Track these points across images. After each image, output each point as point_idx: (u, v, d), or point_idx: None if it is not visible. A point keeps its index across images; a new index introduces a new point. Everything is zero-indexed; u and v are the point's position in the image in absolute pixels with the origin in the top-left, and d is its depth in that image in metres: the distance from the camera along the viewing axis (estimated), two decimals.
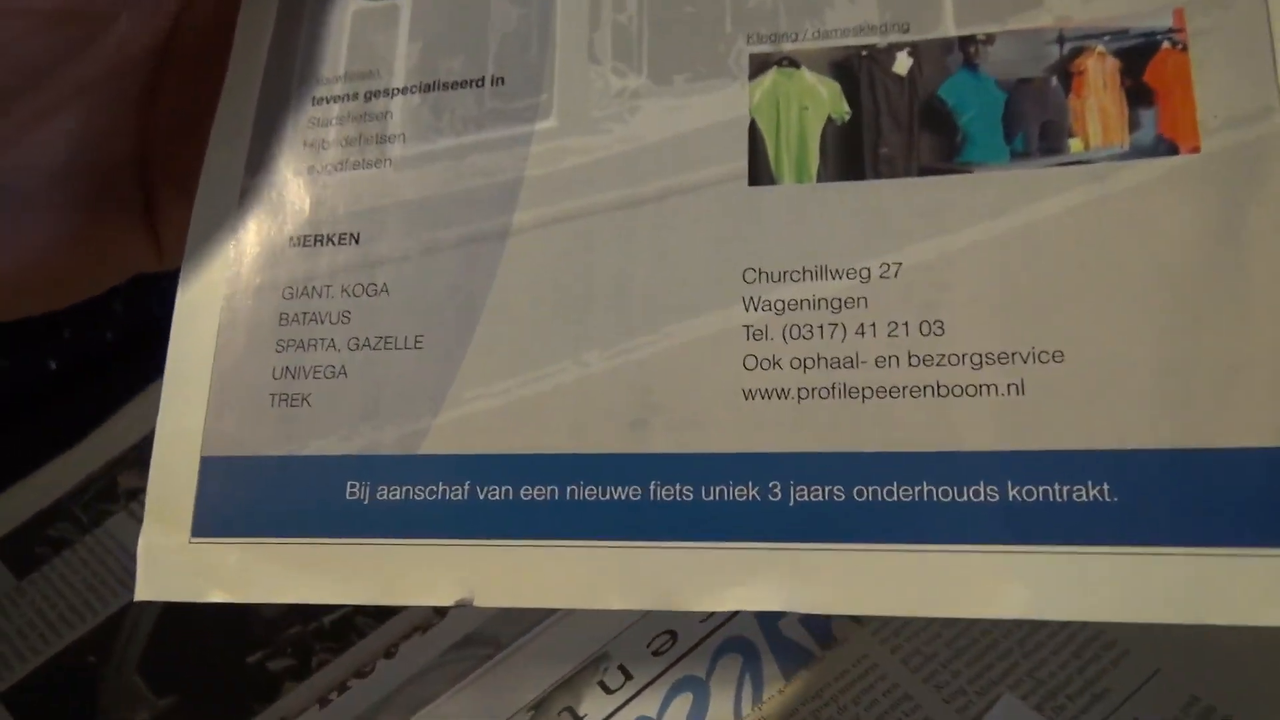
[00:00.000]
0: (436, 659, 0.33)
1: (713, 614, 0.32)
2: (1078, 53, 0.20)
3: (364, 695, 0.33)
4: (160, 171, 0.27)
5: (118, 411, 0.42)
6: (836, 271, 0.20)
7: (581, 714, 0.31)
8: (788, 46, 0.22)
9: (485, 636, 0.33)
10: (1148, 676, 0.29)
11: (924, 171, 0.20)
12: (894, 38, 0.21)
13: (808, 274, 0.20)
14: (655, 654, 0.32)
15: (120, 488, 0.40)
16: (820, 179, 0.21)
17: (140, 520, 0.34)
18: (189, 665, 0.36)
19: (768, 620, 0.32)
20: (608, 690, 0.31)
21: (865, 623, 0.31)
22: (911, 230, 0.20)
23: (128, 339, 0.43)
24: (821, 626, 0.32)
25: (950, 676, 0.30)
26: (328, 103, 0.24)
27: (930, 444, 0.19)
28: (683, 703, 0.31)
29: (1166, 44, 0.20)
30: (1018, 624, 0.30)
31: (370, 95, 0.24)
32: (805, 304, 0.20)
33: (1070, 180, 0.20)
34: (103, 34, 0.26)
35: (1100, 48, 0.20)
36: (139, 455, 0.41)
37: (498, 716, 0.31)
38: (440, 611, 0.34)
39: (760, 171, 0.21)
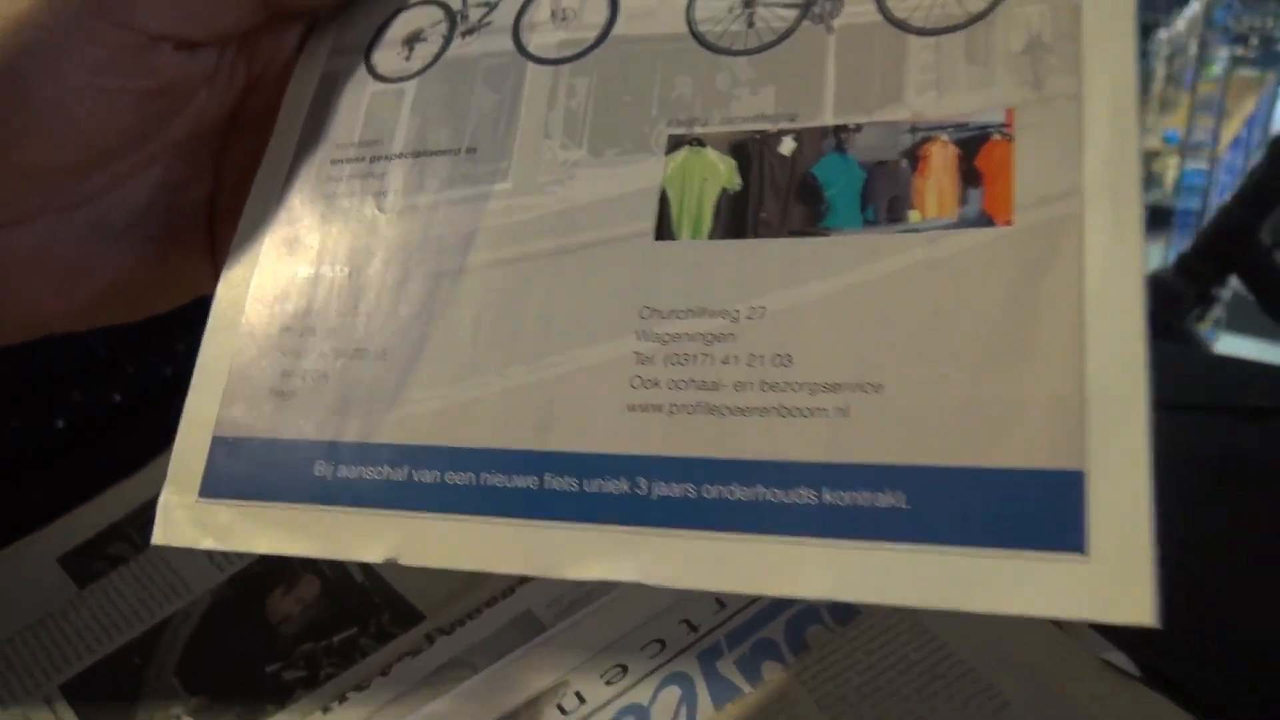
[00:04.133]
0: (422, 678, 0.37)
1: (663, 649, 0.35)
2: (926, 141, 0.24)
3: (361, 704, 0.37)
4: (224, 213, 0.33)
5: (169, 447, 0.47)
6: (713, 312, 0.24)
7: None
8: (698, 129, 0.26)
9: (464, 662, 0.37)
10: None
11: (793, 233, 0.24)
12: (783, 124, 0.25)
13: (690, 313, 0.24)
14: (608, 683, 0.35)
15: None
16: (711, 237, 0.25)
17: None
18: (218, 670, 0.40)
19: (707, 660, 0.35)
20: (564, 711, 0.34)
21: (790, 666, 0.34)
22: (776, 281, 0.24)
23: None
24: (752, 669, 0.34)
25: (850, 713, 0.32)
26: (343, 163, 0.30)
27: (768, 454, 0.22)
28: None
29: (997, 135, 0.23)
30: (918, 674, 0.33)
31: (374, 158, 0.29)
32: (685, 337, 0.24)
33: (907, 244, 0.23)
34: (186, 106, 0.31)
35: (944, 137, 0.24)
36: None
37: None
38: (430, 638, 0.38)
39: (664, 229, 0.25)
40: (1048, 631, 0.35)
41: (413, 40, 0.31)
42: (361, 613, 0.40)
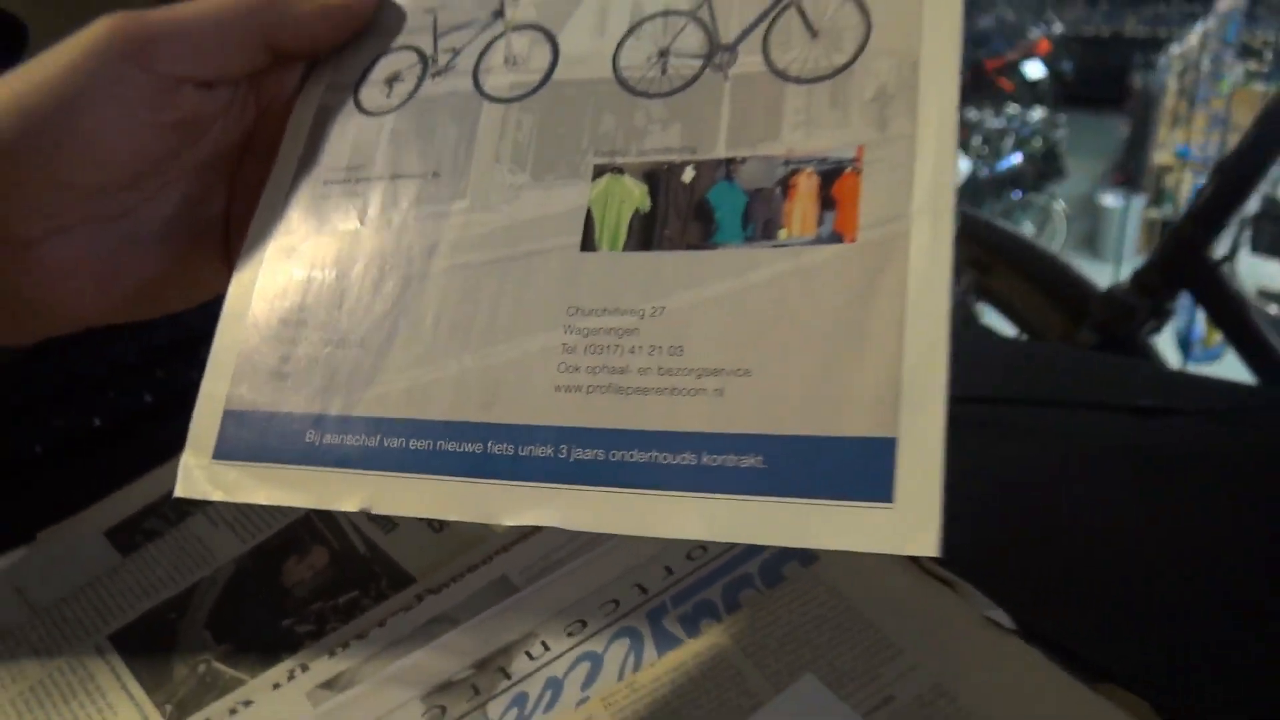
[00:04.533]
0: (412, 630, 0.42)
1: (617, 607, 0.41)
2: (795, 172, 0.29)
3: (360, 650, 0.42)
4: (237, 223, 0.38)
5: None
6: (624, 310, 0.29)
7: (510, 671, 0.39)
8: (619, 160, 0.31)
9: (448, 618, 0.42)
10: (910, 668, 0.37)
11: (689, 247, 0.29)
12: (685, 156, 0.31)
13: (606, 311, 0.30)
14: (569, 635, 0.40)
15: None
16: (625, 249, 0.30)
17: (211, 519, 0.45)
18: (240, 624, 0.45)
19: (654, 617, 0.40)
20: (531, 657, 0.40)
21: (724, 621, 0.39)
22: (674, 285, 0.29)
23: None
24: (692, 624, 0.39)
25: (771, 659, 0.37)
26: (333, 183, 0.35)
27: (661, 426, 0.28)
28: (583, 667, 0.39)
29: (849, 169, 0.28)
30: (829, 628, 0.38)
31: (358, 180, 0.35)
32: (602, 331, 0.29)
33: (776, 257, 0.28)
34: (205, 135, 0.37)
35: (810, 169, 0.29)
36: None
37: (451, 667, 0.40)
38: (420, 597, 0.43)
39: (588, 242, 0.31)
40: (939, 592, 0.40)
41: (392, 80, 0.36)
42: (363, 578, 0.45)
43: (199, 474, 0.33)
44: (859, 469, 0.25)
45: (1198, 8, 5.00)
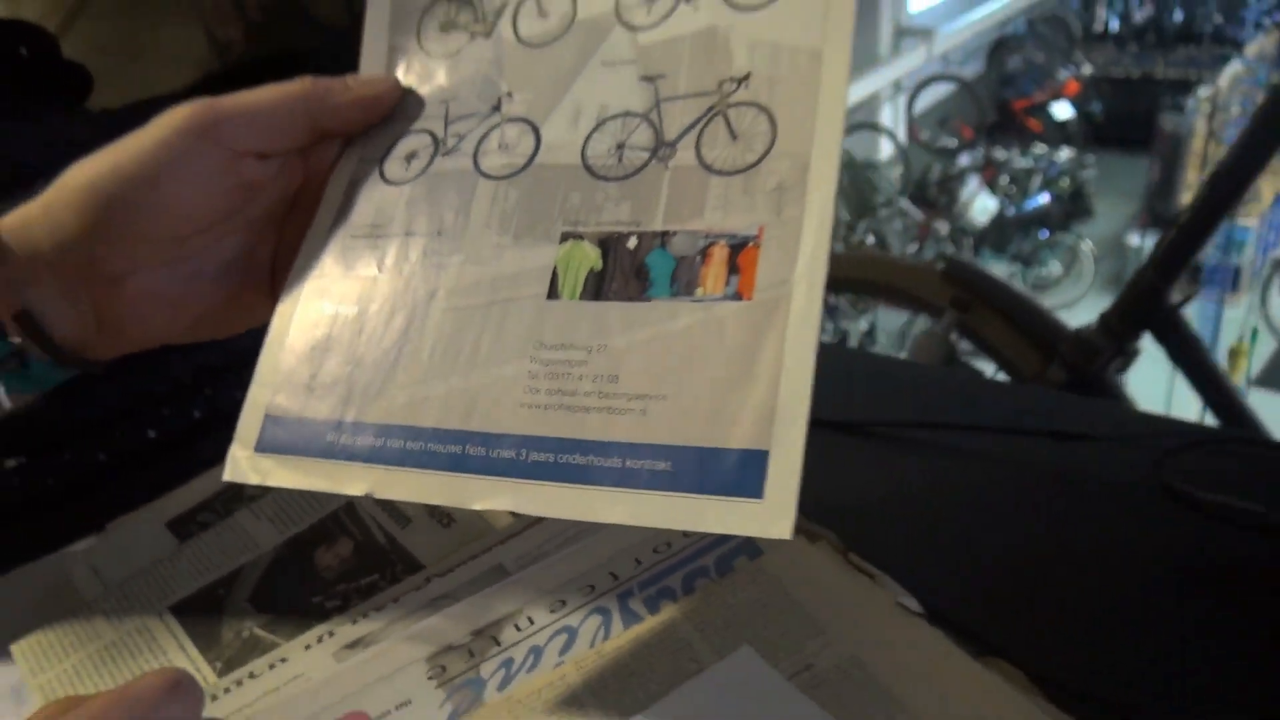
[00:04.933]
0: (421, 605, 0.50)
1: (593, 590, 0.49)
2: (712, 244, 0.38)
3: (377, 619, 0.50)
4: (282, 266, 0.47)
5: None
6: (577, 347, 0.38)
7: (501, 640, 0.47)
8: (580, 229, 0.40)
9: (451, 595, 0.50)
10: (830, 642, 0.44)
11: (629, 299, 0.38)
12: (631, 228, 0.39)
13: (563, 347, 0.38)
14: (551, 612, 0.48)
15: (245, 494, 0.59)
16: (581, 299, 0.39)
17: (255, 514, 0.54)
18: (278, 599, 0.54)
19: (623, 599, 0.48)
20: (518, 629, 0.48)
21: (680, 603, 0.47)
22: (616, 329, 0.38)
23: None
24: (653, 605, 0.47)
25: (715, 633, 0.45)
26: (359, 238, 0.44)
27: (599, 437, 0.36)
28: (561, 638, 0.47)
29: (752, 244, 0.37)
30: (762, 608, 0.46)
31: (379, 236, 0.44)
32: (559, 362, 0.38)
33: (693, 309, 0.37)
34: (260, 196, 0.47)
35: (724, 242, 0.37)
36: None
37: (452, 635, 0.48)
38: (428, 580, 0.52)
39: (553, 292, 0.39)
40: (860, 580, 0.48)
41: (410, 157, 0.45)
42: (381, 564, 0.54)
43: (244, 463, 0.42)
44: (739, 473, 0.34)
45: (1228, 51, 5.04)
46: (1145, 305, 1.37)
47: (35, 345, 0.44)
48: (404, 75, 0.47)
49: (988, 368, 1.53)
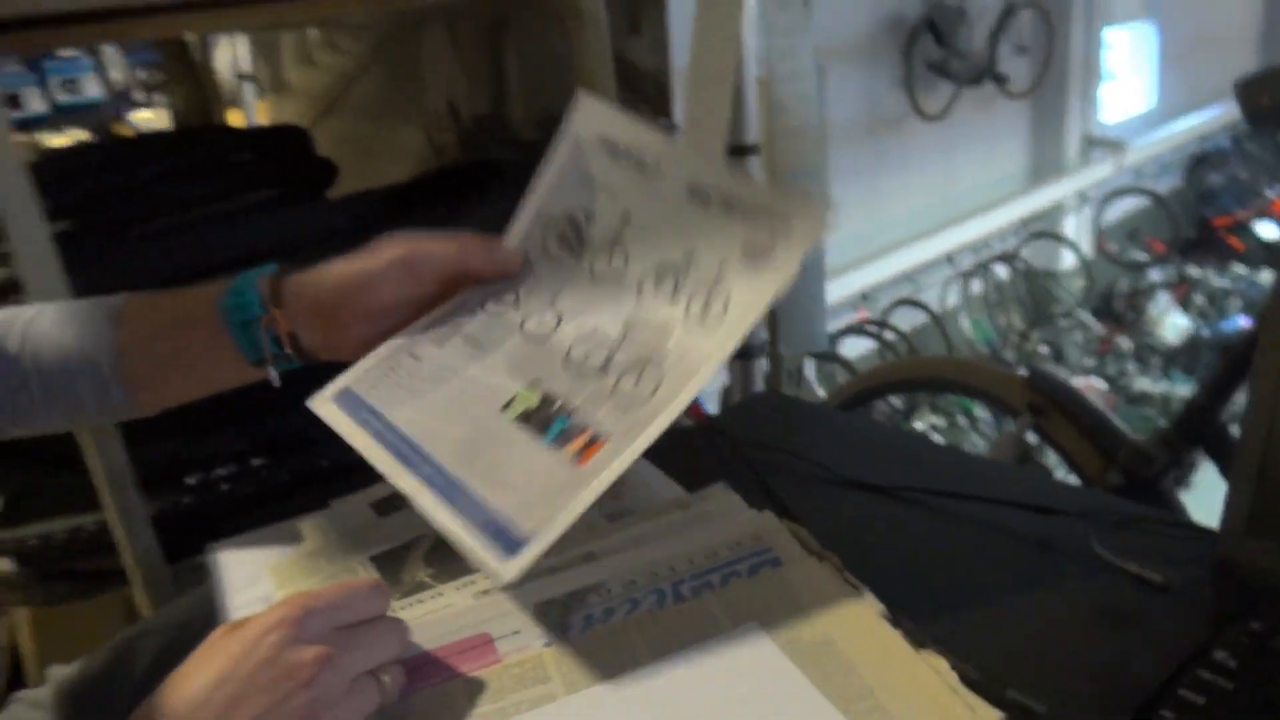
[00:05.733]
0: (536, 573, 0.72)
1: (656, 577, 0.70)
2: (587, 429, 0.61)
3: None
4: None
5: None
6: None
7: (587, 601, 0.69)
8: (542, 384, 0.68)
9: (557, 569, 0.72)
10: (813, 626, 0.64)
11: (532, 433, 0.67)
12: (562, 398, 0.67)
13: (490, 440, 0.64)
14: (624, 586, 0.68)
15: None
16: (515, 420, 0.67)
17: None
18: (441, 561, 0.76)
19: (676, 584, 0.70)
20: (599, 596, 0.69)
21: (715, 590, 0.68)
22: (519, 442, 0.67)
23: None
24: (698, 591, 0.69)
25: (736, 612, 0.66)
26: (441, 329, 0.72)
27: (474, 484, 0.65)
28: (627, 605, 0.68)
29: (600, 440, 0.63)
30: (773, 598, 0.67)
31: (450, 339, 0.72)
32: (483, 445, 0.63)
33: (555, 456, 0.66)
34: (418, 302, 0.74)
35: (591, 432, 0.64)
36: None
37: (555, 592, 0.70)
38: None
39: (505, 406, 0.67)
40: (848, 590, 0.65)
41: (499, 299, 0.76)
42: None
43: (328, 407, 0.70)
44: (513, 541, 0.59)
45: None
46: (1197, 422, 1.53)
47: (295, 352, 0.75)
48: (525, 250, 0.78)
49: (1059, 469, 1.70)
